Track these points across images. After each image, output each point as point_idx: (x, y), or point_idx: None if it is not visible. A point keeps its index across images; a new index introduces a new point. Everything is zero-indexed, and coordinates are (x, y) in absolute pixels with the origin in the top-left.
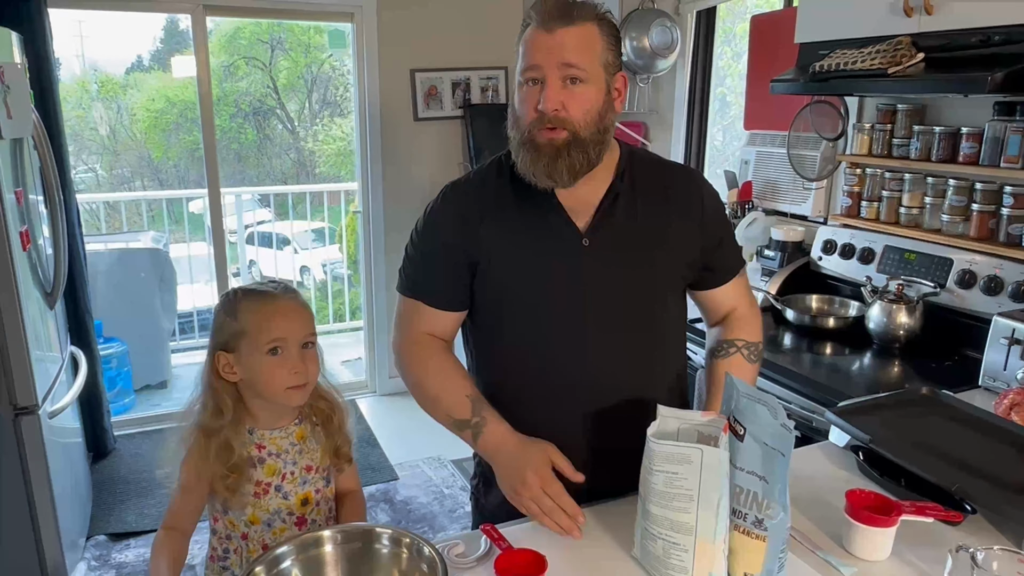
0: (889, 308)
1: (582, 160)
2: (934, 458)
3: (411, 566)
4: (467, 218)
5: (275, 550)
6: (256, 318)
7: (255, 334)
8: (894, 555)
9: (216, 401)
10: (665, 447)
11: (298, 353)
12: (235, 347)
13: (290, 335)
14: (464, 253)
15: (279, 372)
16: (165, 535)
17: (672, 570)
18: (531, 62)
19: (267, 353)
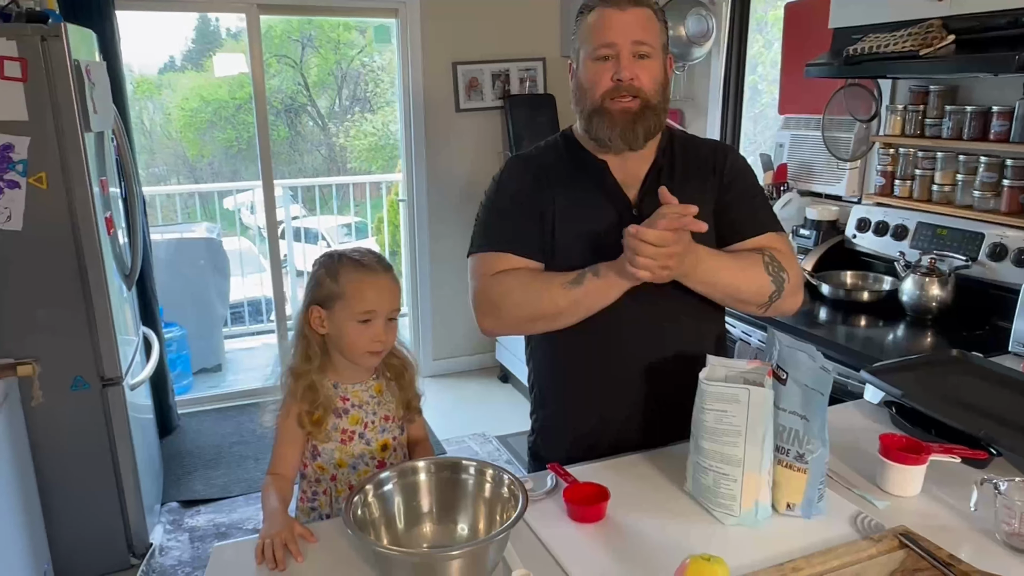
0: (922, 281)
1: (654, 124)
2: (962, 410)
3: (494, 493)
4: (537, 178)
5: (379, 475)
6: (355, 287)
7: (351, 300)
8: (924, 492)
9: (305, 348)
10: (716, 387)
11: (383, 324)
12: (330, 306)
13: (380, 308)
14: (537, 205)
15: (363, 338)
16: (270, 479)
17: (723, 498)
18: (607, 40)
19: (358, 320)
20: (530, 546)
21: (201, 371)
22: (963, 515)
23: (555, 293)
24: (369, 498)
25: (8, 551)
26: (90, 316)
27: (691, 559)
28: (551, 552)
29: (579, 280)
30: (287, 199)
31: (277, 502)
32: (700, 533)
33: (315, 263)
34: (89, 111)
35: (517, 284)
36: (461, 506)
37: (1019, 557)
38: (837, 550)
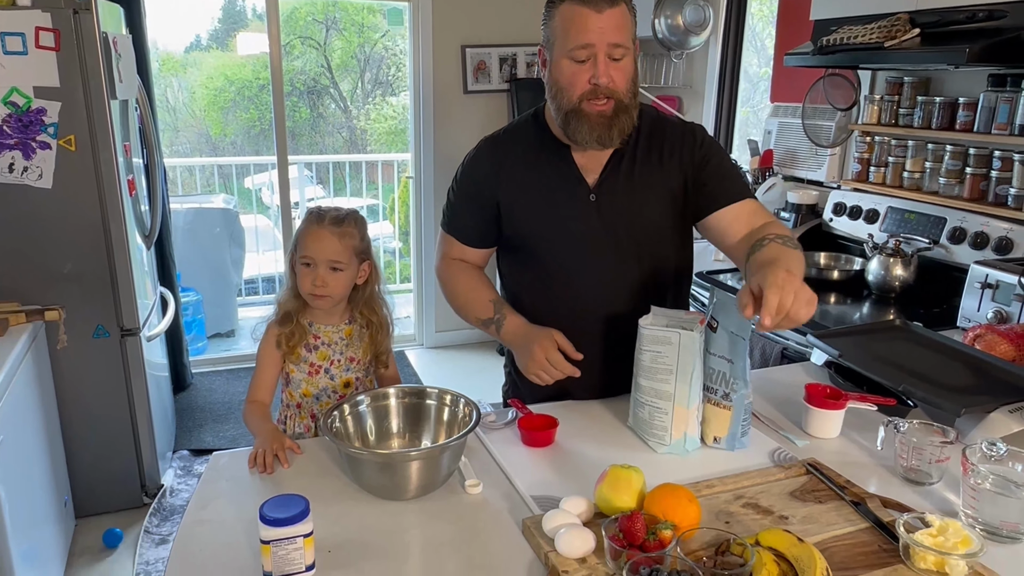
0: (887, 262)
1: (628, 123)
2: (891, 369)
3: (452, 414)
4: (495, 167)
5: (355, 396)
6: (302, 235)
7: (299, 247)
8: (842, 435)
9: (290, 285)
10: (652, 331)
11: (325, 271)
12: (297, 251)
13: (317, 255)
14: (490, 197)
15: (306, 280)
16: (249, 406)
17: (656, 429)
18: (583, 41)
19: (303, 264)
20: (486, 464)
21: (215, 335)
22: (871, 454)
23: (471, 319)
24: (345, 414)
25: (32, 482)
26: (112, 270)
27: (611, 467)
28: (503, 469)
29: (486, 325)
30: (304, 180)
31: (264, 420)
32: (635, 458)
33: None
34: (115, 80)
35: (455, 287)
36: (424, 426)
37: (913, 487)
38: (750, 474)
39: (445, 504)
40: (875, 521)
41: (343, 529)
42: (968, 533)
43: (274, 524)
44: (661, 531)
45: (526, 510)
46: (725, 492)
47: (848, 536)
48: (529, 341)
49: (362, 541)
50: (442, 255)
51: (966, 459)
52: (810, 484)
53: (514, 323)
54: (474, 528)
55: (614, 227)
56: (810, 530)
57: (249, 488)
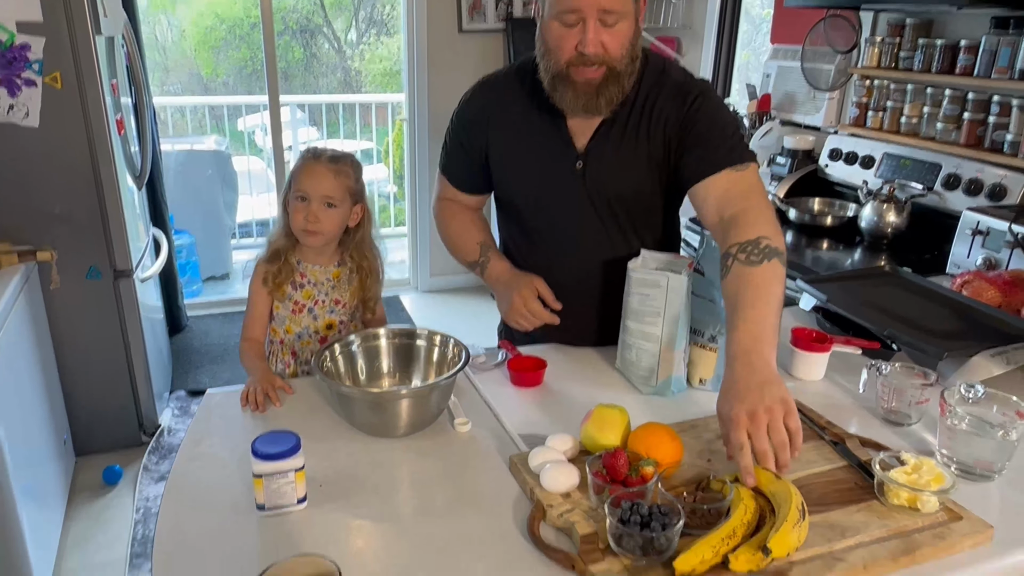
0: (880, 208)
1: (618, 91)
2: (878, 313)
3: (441, 355)
4: (485, 115)
5: (346, 337)
6: (298, 169)
7: (294, 180)
8: (826, 378)
9: (282, 223)
10: (640, 274)
11: (318, 206)
12: (291, 188)
13: (311, 190)
14: (479, 146)
15: (298, 216)
16: (245, 344)
17: (642, 371)
18: (572, 6)
19: (297, 199)
20: (475, 404)
21: (210, 278)
22: (854, 396)
23: (461, 258)
24: (336, 354)
25: (30, 420)
26: (103, 211)
27: (597, 406)
28: (492, 408)
29: (472, 267)
30: (298, 122)
31: (258, 359)
32: (622, 399)
33: None
34: (100, 15)
35: (447, 228)
36: (414, 366)
37: (892, 428)
38: None
39: (434, 442)
40: (852, 459)
41: (334, 465)
42: (941, 471)
43: (266, 459)
44: (643, 468)
45: (513, 448)
46: (708, 432)
47: (825, 474)
48: (510, 288)
49: (353, 476)
50: (438, 195)
51: (944, 401)
52: None
53: (498, 268)
54: (462, 464)
55: (599, 195)
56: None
57: (241, 426)
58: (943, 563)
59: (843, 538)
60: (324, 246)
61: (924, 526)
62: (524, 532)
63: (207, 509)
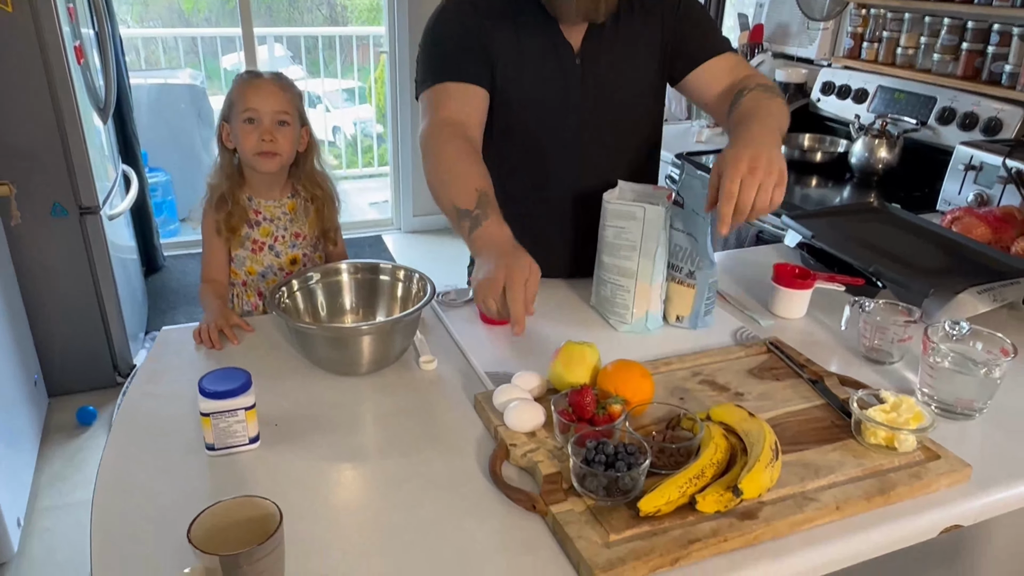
0: (871, 143)
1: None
2: (864, 250)
3: (406, 290)
4: (484, 13)
5: (304, 272)
6: (240, 91)
7: (238, 104)
8: (808, 315)
9: (222, 162)
10: (616, 205)
11: (271, 125)
12: (230, 117)
13: (262, 107)
14: (482, 46)
15: (251, 138)
16: (204, 286)
17: (617, 307)
18: None
19: (244, 121)
20: (443, 342)
21: (188, 218)
22: (835, 334)
23: (446, 203)
24: (294, 290)
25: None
26: (64, 144)
27: (566, 343)
28: (459, 346)
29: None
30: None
31: (216, 299)
32: (596, 336)
33: None
34: None
35: (441, 155)
36: (379, 302)
37: (873, 366)
38: (710, 351)
39: (398, 379)
40: (830, 398)
41: (293, 403)
42: (920, 409)
43: (213, 396)
44: (611, 406)
45: (480, 386)
46: (683, 369)
47: (802, 412)
48: (500, 259)
49: (311, 415)
50: (430, 118)
51: (928, 338)
52: (769, 362)
53: (497, 232)
54: (426, 403)
55: (598, 91)
56: (764, 406)
57: (197, 363)
58: (918, 502)
59: (816, 477)
60: (275, 177)
61: (900, 465)
62: (487, 472)
63: (154, 449)
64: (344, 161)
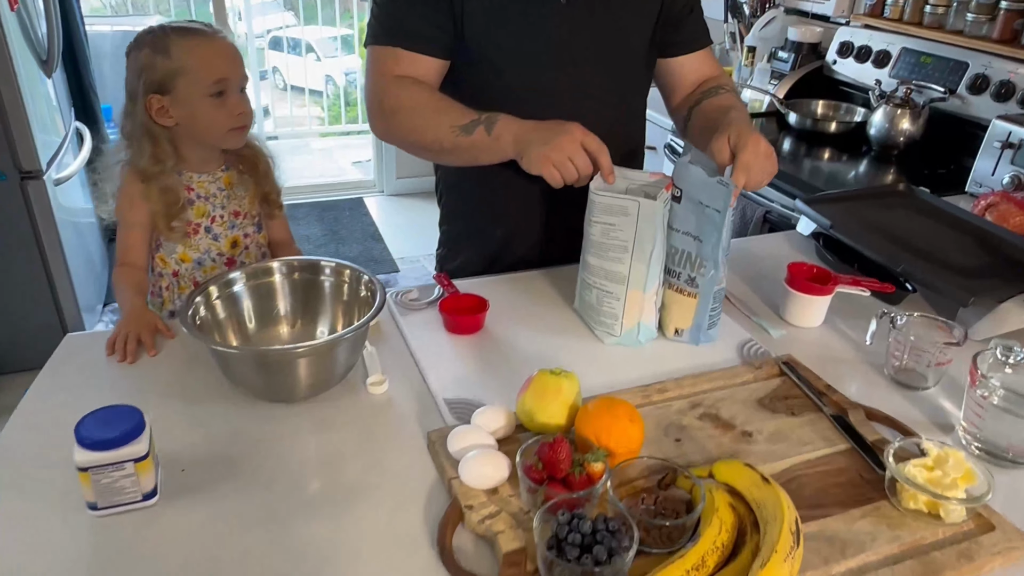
0: (893, 113)
1: None
2: (889, 243)
3: (352, 295)
4: None
5: (226, 274)
6: (198, 57)
7: (198, 73)
8: (827, 323)
9: (154, 147)
10: (604, 198)
11: (239, 96)
12: (170, 88)
13: (233, 76)
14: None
15: (221, 114)
16: (120, 271)
17: (604, 317)
18: None
19: (210, 95)
20: (398, 354)
21: None
22: (859, 348)
23: (443, 132)
24: (213, 299)
25: None
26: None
27: (538, 372)
28: (417, 362)
29: (470, 128)
30: (277, 6)
31: (133, 295)
32: (576, 350)
33: (132, 45)
34: None
35: (411, 105)
36: (320, 308)
37: (901, 392)
38: (712, 374)
39: (339, 406)
40: (858, 442)
41: (208, 439)
42: (971, 467)
43: (93, 447)
44: (590, 464)
45: (436, 417)
46: (680, 399)
47: (823, 461)
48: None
49: (229, 456)
50: (383, 75)
51: (975, 368)
52: (783, 389)
53: (510, 118)
54: (372, 438)
55: (586, 36)
56: (777, 451)
57: (104, 382)
58: None
59: (843, 557)
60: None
61: (946, 538)
62: (435, 540)
63: (29, 500)
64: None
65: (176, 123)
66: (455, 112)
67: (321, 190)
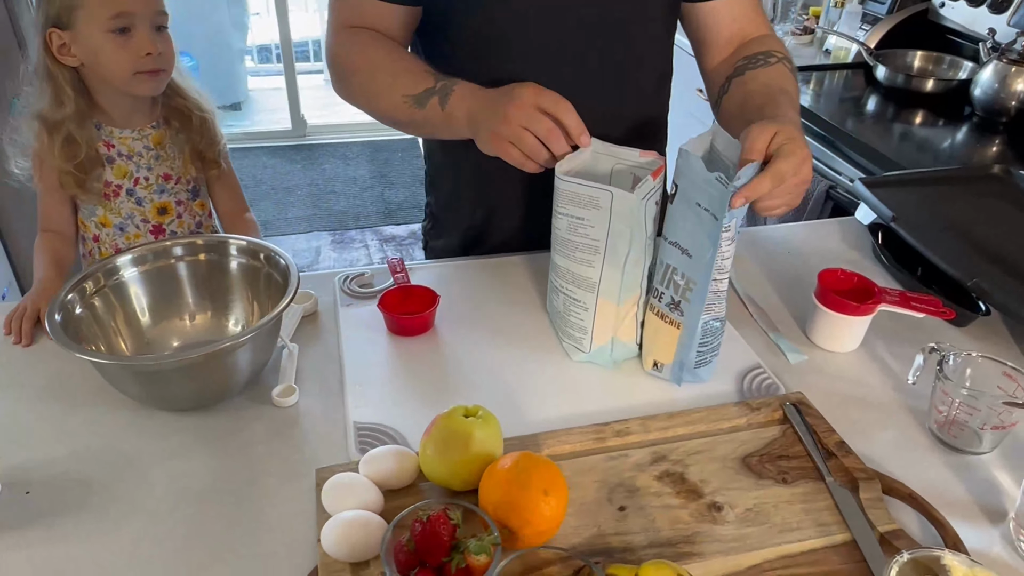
0: (1006, 71)
1: None
2: (967, 247)
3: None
4: None
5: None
6: None
7: (94, 6)
8: (864, 347)
9: (54, 89)
10: (571, 185)
11: (149, 33)
12: (69, 22)
13: (139, 9)
14: None
15: (124, 54)
16: (41, 238)
17: (572, 328)
18: None
19: (111, 31)
20: (327, 355)
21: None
22: (900, 387)
23: (395, 101)
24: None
25: None
26: None
27: (447, 412)
28: (342, 365)
29: (423, 99)
30: None
31: (48, 267)
32: (537, 366)
33: None
34: None
35: (364, 67)
36: (232, 296)
37: (946, 454)
38: (692, 414)
39: (239, 419)
40: (862, 537)
41: (68, 454)
42: None
43: None
44: (471, 555)
45: (342, 447)
46: (641, 447)
47: (809, 558)
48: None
49: (86, 478)
50: (335, 26)
51: None
52: (780, 443)
53: (469, 88)
54: (263, 465)
55: None
56: (750, 538)
57: None
58: None
59: None
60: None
61: None
62: None
63: None
64: None
65: (80, 63)
66: (409, 78)
67: (373, 129)
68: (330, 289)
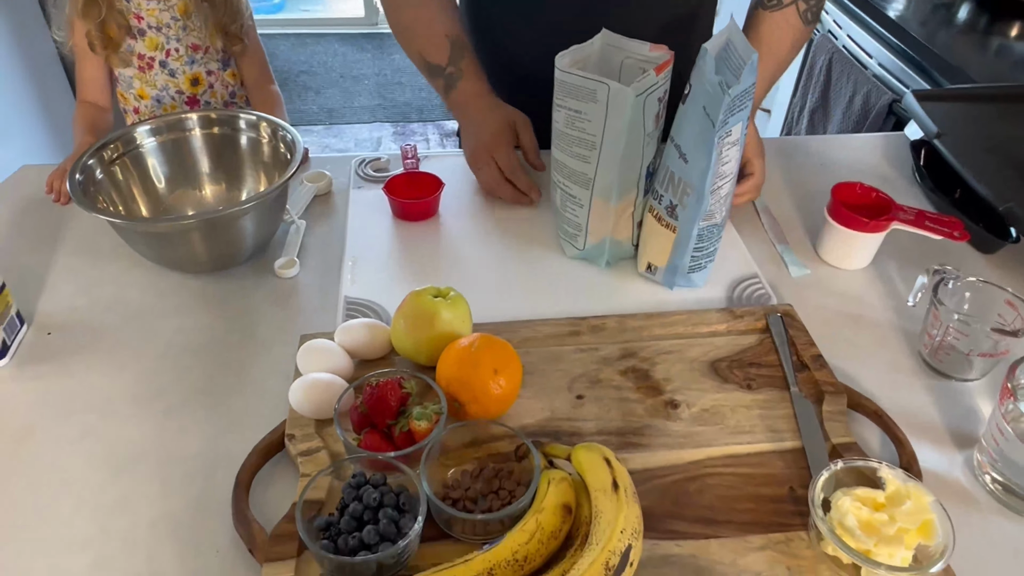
0: None
1: None
2: (1009, 170)
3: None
4: None
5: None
6: None
7: None
8: (875, 266)
9: None
10: (570, 76)
11: None
12: None
13: None
14: None
15: None
16: (79, 108)
17: (568, 225)
18: None
19: None
20: (332, 233)
21: None
22: (899, 309)
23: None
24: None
25: None
26: None
27: (415, 293)
28: (345, 244)
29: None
30: None
31: (86, 133)
32: (532, 260)
33: None
34: None
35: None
36: (244, 168)
37: (934, 379)
38: (672, 316)
39: (243, 286)
40: (812, 444)
41: (90, 303)
42: (935, 519)
43: None
44: (415, 420)
45: (333, 319)
46: (612, 344)
47: (754, 459)
48: (481, 127)
49: (102, 326)
50: None
51: (1011, 378)
52: (755, 351)
53: (471, 90)
54: (258, 328)
55: None
56: (700, 436)
57: (34, 220)
58: None
59: None
60: None
61: None
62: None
63: None
64: None
65: None
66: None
67: None
68: (348, 172)
